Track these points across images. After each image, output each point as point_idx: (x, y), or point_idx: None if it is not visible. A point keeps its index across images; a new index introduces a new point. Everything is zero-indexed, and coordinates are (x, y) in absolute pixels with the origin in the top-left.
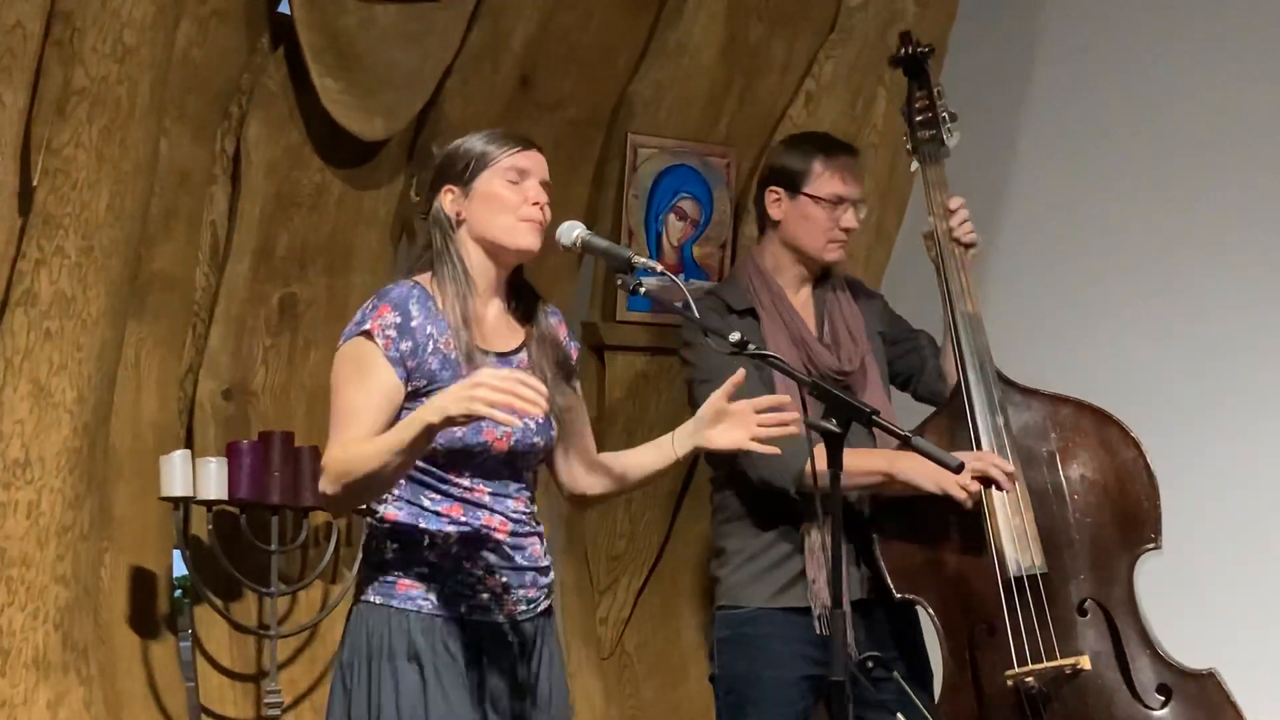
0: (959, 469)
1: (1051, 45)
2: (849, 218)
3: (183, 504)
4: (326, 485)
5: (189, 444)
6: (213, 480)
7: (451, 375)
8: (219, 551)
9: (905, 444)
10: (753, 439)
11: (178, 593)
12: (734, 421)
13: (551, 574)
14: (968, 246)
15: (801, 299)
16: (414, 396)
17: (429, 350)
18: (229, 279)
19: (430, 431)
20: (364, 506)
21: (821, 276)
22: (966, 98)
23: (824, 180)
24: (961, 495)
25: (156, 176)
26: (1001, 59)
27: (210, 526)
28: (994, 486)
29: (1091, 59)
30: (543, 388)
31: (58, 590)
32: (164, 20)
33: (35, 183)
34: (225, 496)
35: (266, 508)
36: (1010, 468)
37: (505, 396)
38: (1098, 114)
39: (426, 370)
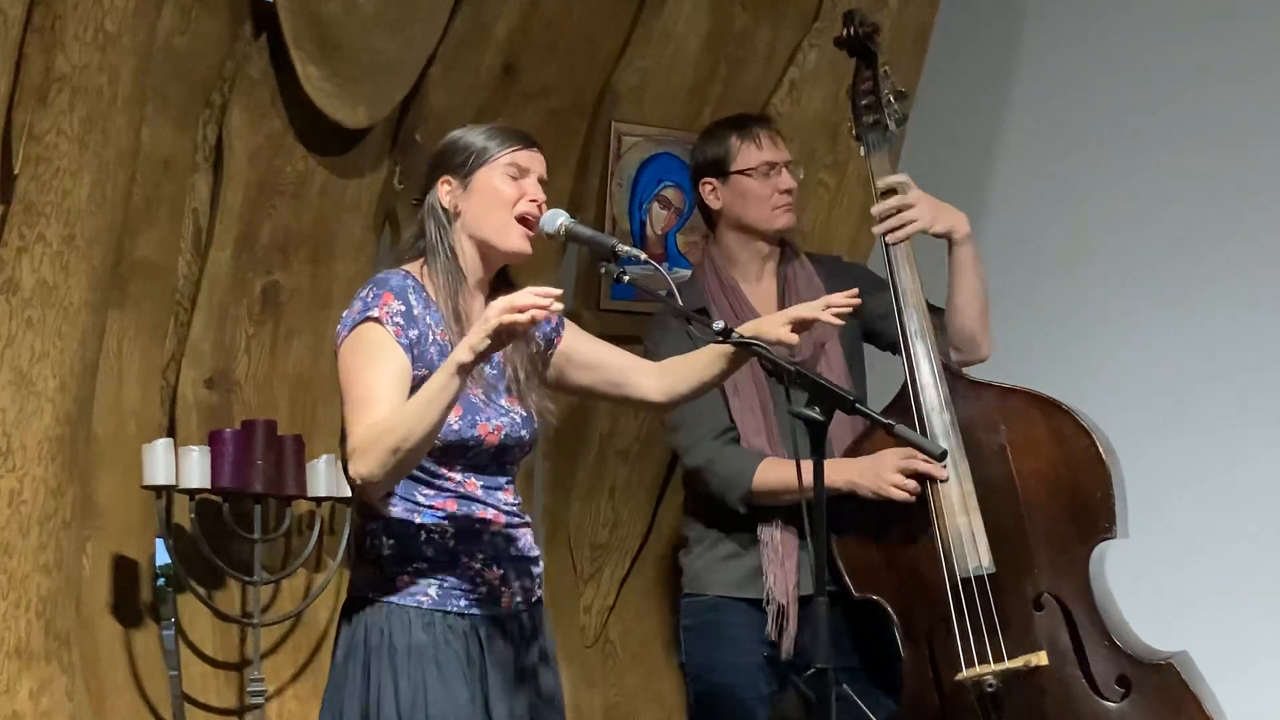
0: (942, 456)
1: (1035, 36)
2: (785, 179)
3: (165, 492)
4: (369, 465)
5: (171, 432)
6: (195, 469)
7: None
8: (202, 540)
9: (888, 431)
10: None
11: (160, 581)
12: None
13: (541, 564)
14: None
15: (763, 288)
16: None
17: (429, 340)
18: (211, 267)
19: (464, 371)
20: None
21: (784, 259)
22: (949, 88)
23: (746, 153)
24: (901, 496)
25: (138, 164)
26: (985, 48)
27: (193, 515)
28: (933, 481)
29: (1076, 51)
30: (553, 290)
31: (40, 579)
32: (146, 7)
33: (16, 170)
34: (208, 485)
35: (249, 496)
36: (934, 471)
37: (526, 314)
38: (1082, 106)
39: (427, 359)
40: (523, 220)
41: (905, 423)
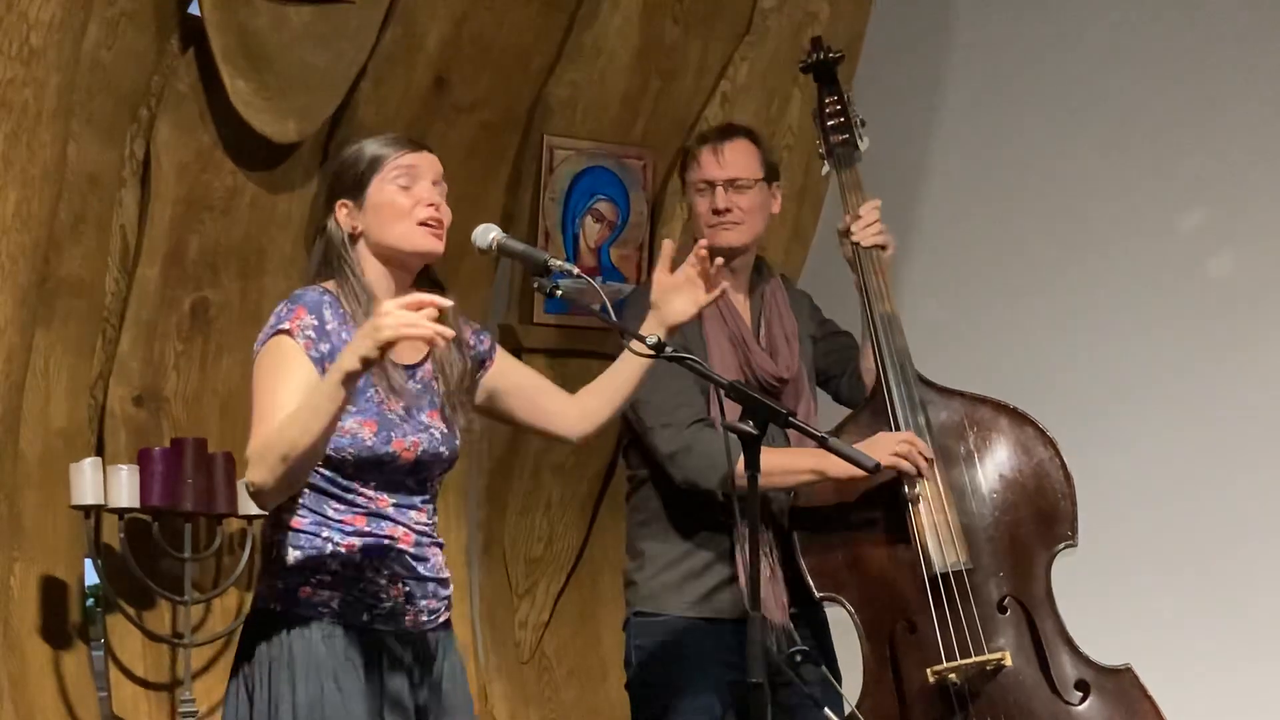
0: (875, 469)
1: (964, 47)
2: (719, 197)
3: (94, 512)
4: (261, 473)
5: (100, 451)
6: (124, 488)
7: (365, 381)
8: (131, 560)
9: (822, 445)
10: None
11: (89, 602)
12: (684, 291)
13: (451, 586)
14: (879, 248)
15: (740, 297)
16: None
17: None
18: (139, 284)
19: (351, 379)
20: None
21: (757, 272)
22: (880, 99)
23: (695, 167)
24: (904, 466)
25: (65, 180)
26: (915, 60)
27: (122, 535)
28: (910, 482)
29: (1004, 60)
30: (445, 301)
31: None
32: (71, 22)
33: None
34: (137, 504)
35: (179, 515)
36: (928, 453)
37: (411, 324)
38: (1010, 114)
39: None
40: (424, 224)
41: (877, 424)
